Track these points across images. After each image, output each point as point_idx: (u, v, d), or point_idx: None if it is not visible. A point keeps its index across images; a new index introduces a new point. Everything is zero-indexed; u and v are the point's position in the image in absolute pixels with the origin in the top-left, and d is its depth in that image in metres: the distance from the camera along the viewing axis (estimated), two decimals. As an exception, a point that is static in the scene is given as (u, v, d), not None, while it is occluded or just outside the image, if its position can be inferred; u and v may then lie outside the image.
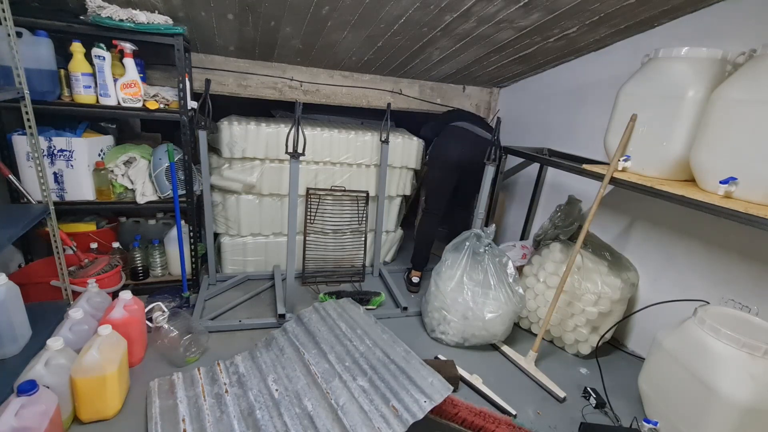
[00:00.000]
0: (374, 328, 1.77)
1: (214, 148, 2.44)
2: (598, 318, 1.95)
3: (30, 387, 1.15)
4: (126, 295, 1.69)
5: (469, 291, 1.97)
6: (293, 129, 1.89)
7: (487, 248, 2.05)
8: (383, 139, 2.45)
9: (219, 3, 1.82)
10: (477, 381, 1.76)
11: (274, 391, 1.50)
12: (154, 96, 1.96)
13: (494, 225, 2.07)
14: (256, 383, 1.56)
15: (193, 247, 2.21)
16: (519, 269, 2.53)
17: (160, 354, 1.76)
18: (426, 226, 2.60)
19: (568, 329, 2.04)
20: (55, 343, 1.34)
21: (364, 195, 2.58)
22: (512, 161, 2.84)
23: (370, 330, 1.74)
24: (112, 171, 2.01)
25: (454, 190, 2.54)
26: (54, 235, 1.70)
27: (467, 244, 2.08)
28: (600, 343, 1.95)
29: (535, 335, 2.18)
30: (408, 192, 2.82)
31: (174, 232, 2.16)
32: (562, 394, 1.74)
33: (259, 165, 2.36)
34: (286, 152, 1.93)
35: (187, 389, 1.55)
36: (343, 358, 1.58)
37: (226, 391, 1.53)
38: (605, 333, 1.96)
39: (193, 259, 2.23)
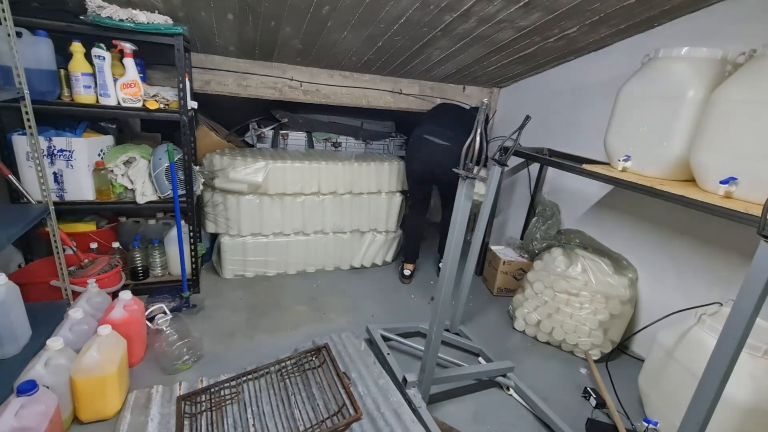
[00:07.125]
0: (372, 369, 1.67)
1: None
2: (609, 320, 1.96)
3: (30, 387, 1.15)
4: (126, 295, 1.69)
5: None
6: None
7: None
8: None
9: (219, 3, 1.82)
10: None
11: (251, 426, 1.41)
12: (154, 96, 1.96)
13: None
14: (235, 411, 1.47)
15: (193, 247, 2.21)
16: (523, 270, 2.53)
17: (155, 357, 1.74)
18: (411, 220, 2.71)
19: (582, 335, 2.01)
20: (55, 343, 1.34)
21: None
22: (512, 161, 2.83)
23: (367, 373, 1.64)
24: (112, 171, 2.01)
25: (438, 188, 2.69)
26: (54, 235, 1.70)
27: None
28: (613, 349, 1.96)
29: (538, 340, 2.18)
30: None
31: (174, 232, 2.16)
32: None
33: (263, 166, 2.38)
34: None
35: (162, 406, 1.47)
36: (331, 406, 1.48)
37: (202, 413, 1.45)
38: (624, 340, 1.96)
39: (193, 259, 2.22)
